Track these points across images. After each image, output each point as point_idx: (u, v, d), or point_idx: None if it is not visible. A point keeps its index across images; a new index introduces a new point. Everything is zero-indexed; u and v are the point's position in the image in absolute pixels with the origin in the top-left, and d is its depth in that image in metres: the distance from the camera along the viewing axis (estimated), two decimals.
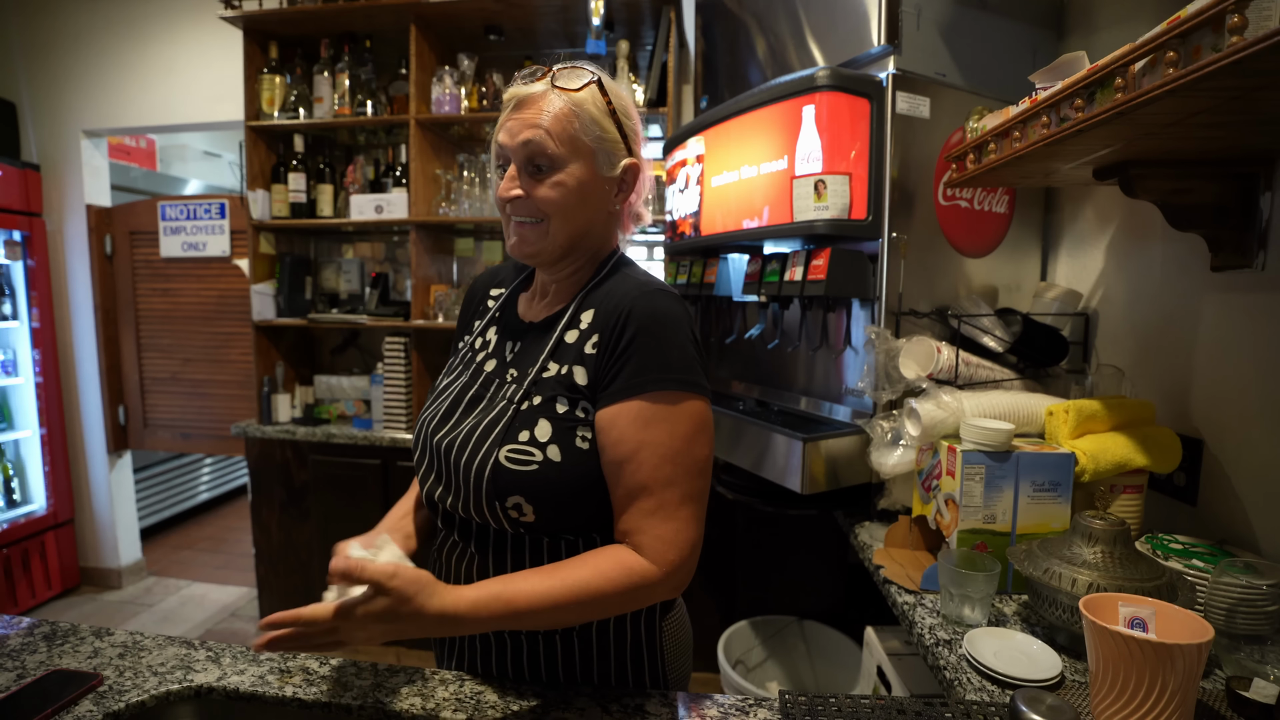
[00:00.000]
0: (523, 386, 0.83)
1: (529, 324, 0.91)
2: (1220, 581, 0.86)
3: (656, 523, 0.77)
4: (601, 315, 0.83)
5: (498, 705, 0.81)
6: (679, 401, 0.78)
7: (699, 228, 1.80)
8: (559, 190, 0.82)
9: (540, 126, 0.81)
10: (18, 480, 3.11)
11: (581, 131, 0.83)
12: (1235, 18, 0.62)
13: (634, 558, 0.76)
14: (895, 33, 1.39)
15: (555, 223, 0.84)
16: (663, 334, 0.79)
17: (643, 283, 0.84)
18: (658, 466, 0.77)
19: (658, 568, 0.76)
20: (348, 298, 2.87)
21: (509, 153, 0.83)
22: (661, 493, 0.77)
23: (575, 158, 0.83)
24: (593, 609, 0.76)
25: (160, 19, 2.91)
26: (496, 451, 0.79)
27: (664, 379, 0.78)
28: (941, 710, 0.78)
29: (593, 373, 0.81)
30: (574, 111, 0.82)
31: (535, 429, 0.80)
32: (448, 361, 0.99)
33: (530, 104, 0.82)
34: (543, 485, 0.79)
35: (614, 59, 2.43)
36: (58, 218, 3.12)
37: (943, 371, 1.33)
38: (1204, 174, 1.06)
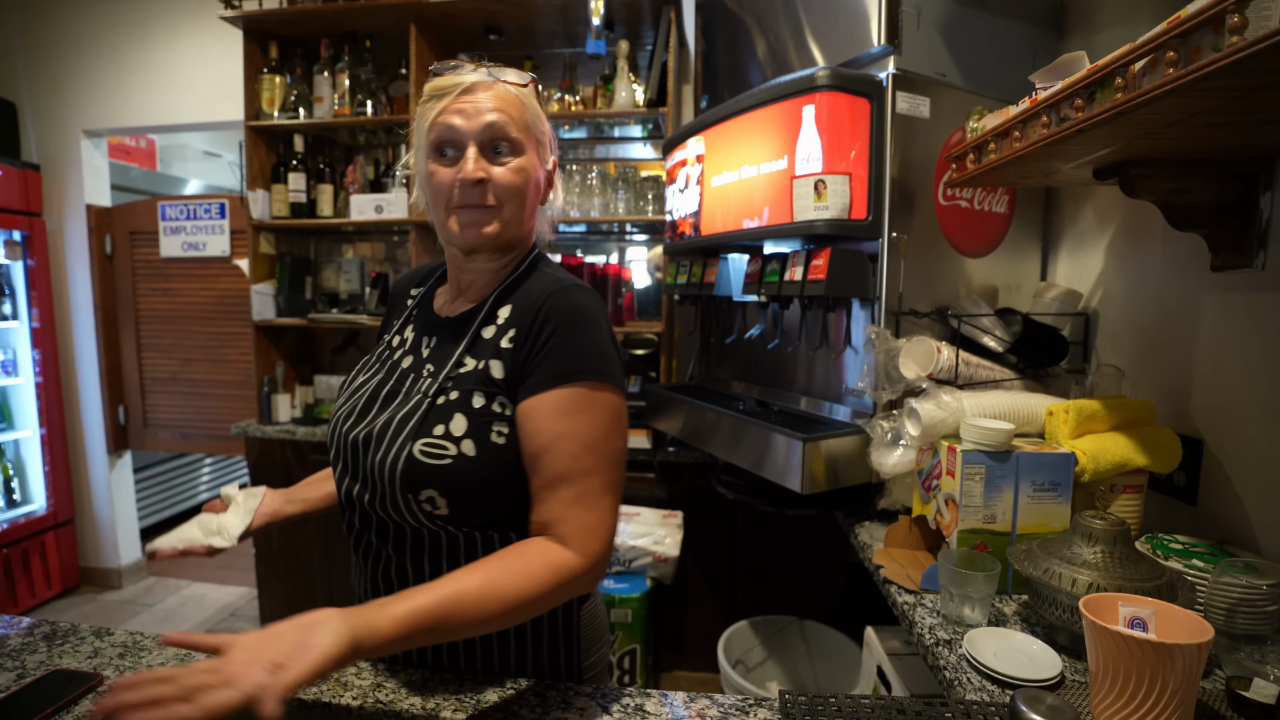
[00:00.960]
0: (438, 381, 0.83)
1: (445, 320, 0.91)
2: (1220, 581, 0.86)
3: (580, 512, 0.76)
4: (519, 311, 0.83)
5: (498, 705, 0.81)
6: (596, 393, 0.78)
7: (699, 228, 1.80)
8: (520, 175, 0.83)
9: (502, 111, 0.81)
10: (18, 480, 3.11)
11: (532, 122, 0.85)
12: (1235, 18, 0.62)
13: (559, 553, 0.75)
14: (895, 33, 1.39)
15: (510, 208, 0.84)
16: (579, 328, 0.80)
17: (559, 279, 0.85)
18: (577, 456, 0.77)
19: (583, 558, 0.75)
20: (348, 298, 2.87)
21: (466, 135, 0.81)
22: (583, 482, 0.76)
23: (529, 145, 0.85)
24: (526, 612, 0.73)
25: (160, 19, 2.91)
26: (410, 445, 0.79)
27: (582, 371, 0.78)
28: (941, 710, 0.78)
29: (510, 367, 0.81)
30: (524, 102, 0.85)
31: (450, 423, 0.80)
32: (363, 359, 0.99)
33: (482, 89, 0.82)
34: (457, 478, 0.78)
35: (614, 59, 2.43)
36: (58, 218, 3.12)
37: (943, 371, 1.33)
38: (1204, 174, 1.06)
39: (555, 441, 0.77)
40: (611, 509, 0.79)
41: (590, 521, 0.76)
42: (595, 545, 0.76)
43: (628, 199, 2.52)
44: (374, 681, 0.85)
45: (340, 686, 0.84)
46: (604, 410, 0.79)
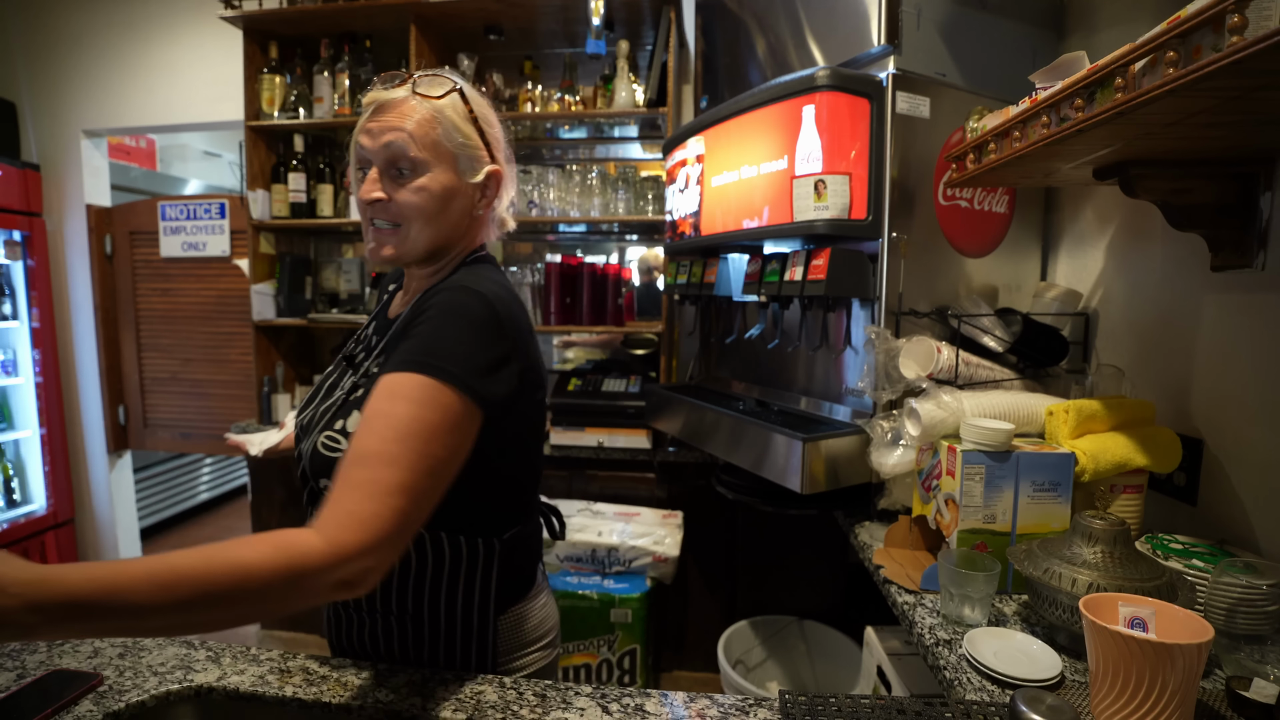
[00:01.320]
0: (357, 377, 0.88)
1: (389, 321, 0.94)
2: (1220, 581, 0.86)
3: (356, 498, 0.66)
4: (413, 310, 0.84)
5: (498, 705, 0.81)
6: (437, 390, 0.72)
7: (699, 228, 1.80)
8: (421, 195, 0.84)
9: (402, 130, 0.82)
10: (18, 480, 3.11)
11: (444, 137, 0.85)
12: (1235, 18, 0.61)
13: (296, 534, 0.63)
14: (895, 33, 1.39)
15: (415, 227, 0.86)
16: (447, 324, 0.77)
17: (464, 281, 0.82)
18: (385, 440, 0.69)
19: (325, 543, 0.62)
20: (348, 298, 2.87)
21: (370, 155, 0.84)
22: (378, 469, 0.67)
23: (438, 163, 0.85)
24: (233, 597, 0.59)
25: (160, 19, 2.91)
26: (316, 437, 0.84)
27: (427, 364, 0.73)
28: (941, 710, 0.78)
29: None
30: (435, 117, 0.84)
31: (348, 419, 0.84)
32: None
33: (391, 108, 0.84)
34: None
35: (614, 59, 2.43)
36: (58, 218, 3.12)
37: (943, 371, 1.33)
38: (1204, 174, 1.06)
39: (371, 418, 0.71)
40: (398, 512, 0.66)
41: (361, 511, 0.65)
42: (347, 537, 0.63)
43: (628, 199, 2.52)
44: (374, 681, 0.85)
45: (340, 687, 0.84)
46: (436, 409, 0.72)
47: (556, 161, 2.82)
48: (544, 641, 0.99)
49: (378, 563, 0.66)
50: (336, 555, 0.62)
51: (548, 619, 1.00)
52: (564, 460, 2.35)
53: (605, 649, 2.05)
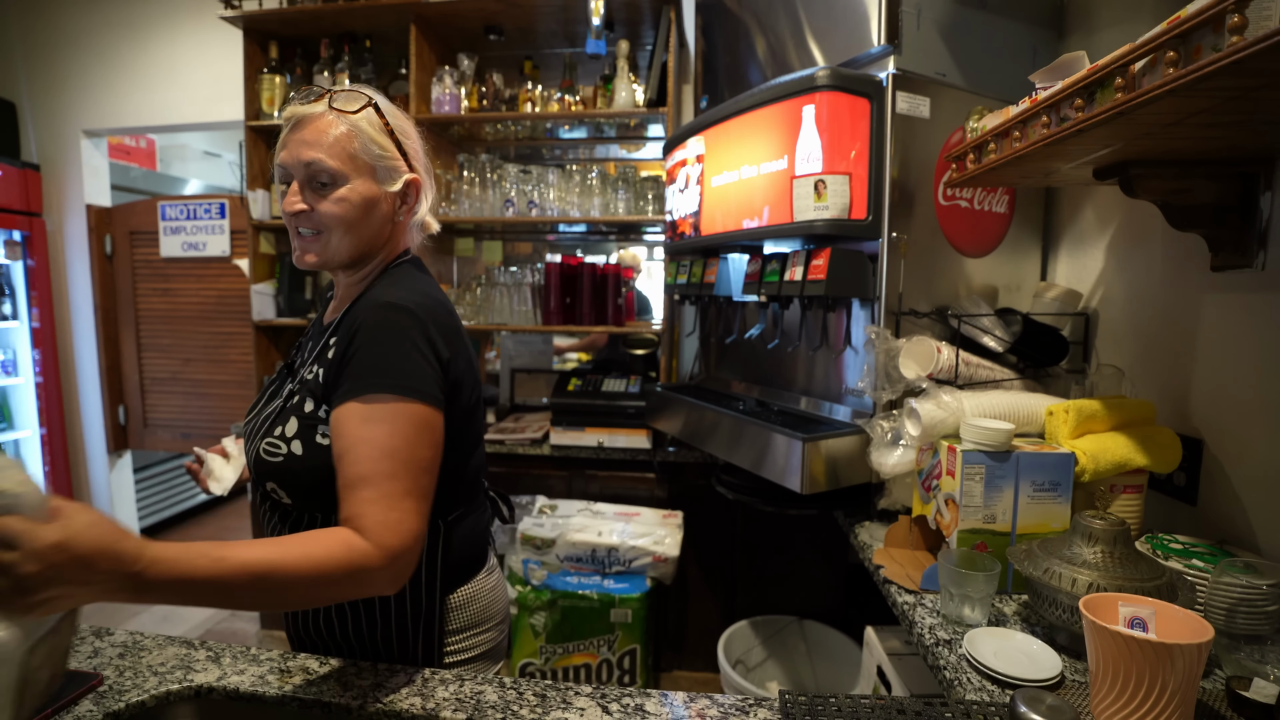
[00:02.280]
0: (292, 385, 0.93)
1: (322, 326, 1.00)
2: (1220, 581, 0.86)
3: (379, 509, 0.77)
4: (345, 322, 0.89)
5: (498, 705, 0.81)
6: (398, 405, 0.81)
7: (699, 228, 1.80)
8: (342, 205, 0.89)
9: (321, 145, 0.88)
10: None
11: (361, 150, 0.90)
12: (1235, 17, 0.61)
13: (355, 537, 0.76)
14: (895, 32, 1.39)
15: (336, 235, 0.90)
16: (386, 341, 0.84)
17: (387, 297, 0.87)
18: (377, 460, 0.78)
19: (379, 551, 0.75)
20: None
21: (291, 169, 0.90)
22: (383, 484, 0.78)
23: (356, 174, 0.90)
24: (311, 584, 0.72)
25: (160, 19, 2.91)
26: (258, 443, 0.90)
27: (383, 383, 0.81)
28: (941, 710, 0.78)
29: (327, 375, 0.87)
30: (352, 132, 0.90)
31: (286, 425, 0.89)
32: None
33: (309, 123, 0.89)
34: (288, 474, 0.88)
35: (614, 59, 2.43)
36: (58, 218, 3.12)
37: (943, 371, 1.33)
38: (1204, 174, 1.06)
39: (355, 445, 0.79)
40: (415, 513, 0.80)
41: (390, 519, 0.77)
42: (392, 541, 0.76)
43: (628, 199, 2.52)
44: (374, 681, 0.85)
45: (340, 687, 0.84)
46: (405, 420, 0.81)
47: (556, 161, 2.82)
48: (494, 623, 1.04)
49: (414, 556, 0.79)
50: (387, 557, 0.76)
51: (497, 600, 1.05)
52: (564, 460, 2.35)
53: (605, 649, 2.05)
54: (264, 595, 0.73)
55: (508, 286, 2.55)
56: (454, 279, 2.85)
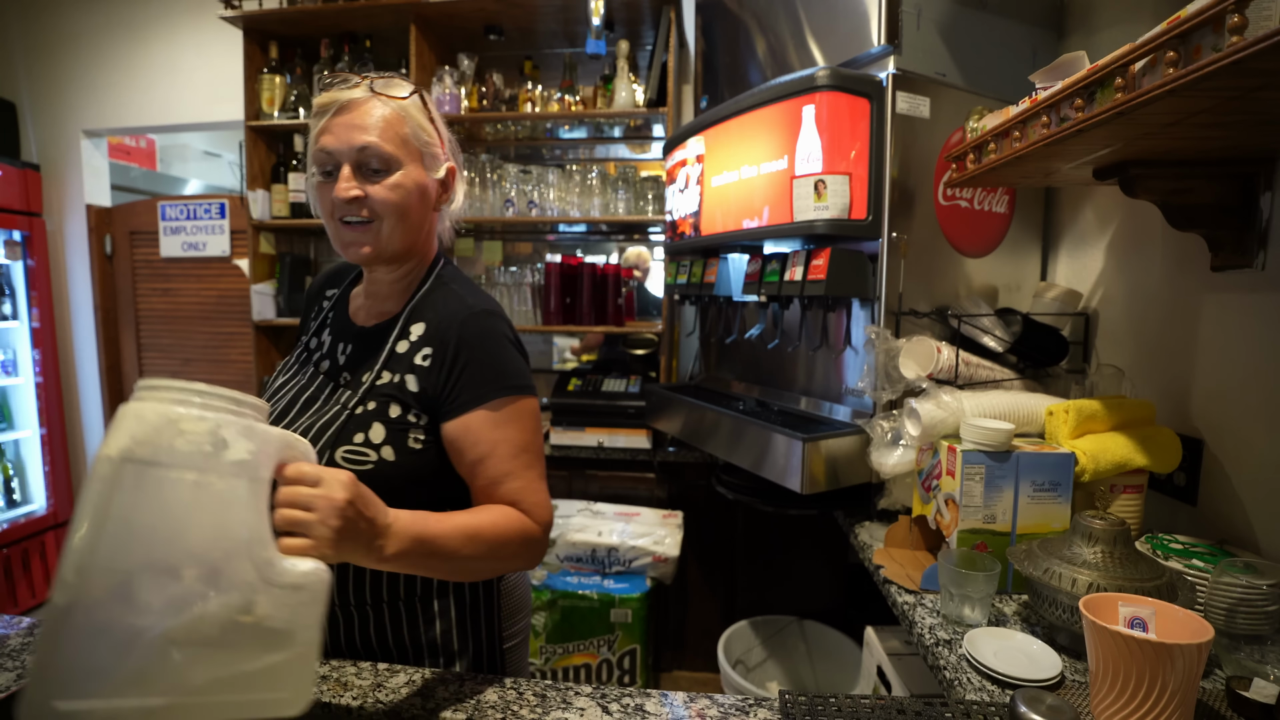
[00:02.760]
0: (357, 393, 0.89)
1: (360, 328, 0.96)
2: (1220, 581, 0.86)
3: (529, 494, 0.88)
4: (432, 332, 0.89)
5: (498, 705, 0.81)
6: (518, 403, 0.89)
7: (699, 228, 1.80)
8: (397, 192, 0.86)
9: (373, 129, 0.84)
10: (18, 480, 3.11)
11: (411, 135, 0.88)
12: (1235, 17, 0.62)
13: (524, 516, 0.86)
14: (895, 33, 1.39)
15: (389, 223, 0.87)
16: (493, 352, 0.89)
17: (469, 303, 0.91)
18: (515, 456, 0.87)
19: (538, 525, 0.88)
20: None
21: (339, 156, 0.85)
22: (524, 474, 0.88)
23: (408, 160, 0.87)
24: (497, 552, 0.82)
25: (160, 19, 2.91)
26: (329, 452, 0.85)
27: (502, 388, 0.88)
28: (941, 710, 0.78)
29: (425, 383, 0.88)
30: (402, 116, 0.87)
31: (369, 431, 0.86)
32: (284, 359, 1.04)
33: (355, 107, 0.85)
34: (378, 480, 0.82)
35: (614, 59, 2.43)
36: (58, 218, 3.12)
37: (943, 371, 1.33)
38: (1204, 174, 1.06)
39: (494, 449, 0.86)
40: (548, 492, 0.92)
41: (540, 500, 0.89)
42: (547, 516, 0.89)
43: (628, 199, 2.52)
44: (374, 682, 0.85)
45: (340, 686, 0.84)
46: (527, 416, 0.90)
47: (556, 161, 2.82)
48: (527, 609, 1.09)
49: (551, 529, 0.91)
50: (545, 529, 0.89)
51: (527, 586, 1.12)
52: (564, 460, 2.35)
53: (605, 649, 2.05)
54: (469, 558, 0.79)
55: (508, 286, 2.55)
56: None
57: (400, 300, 0.95)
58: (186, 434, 0.55)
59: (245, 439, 0.58)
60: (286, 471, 0.62)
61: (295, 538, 0.61)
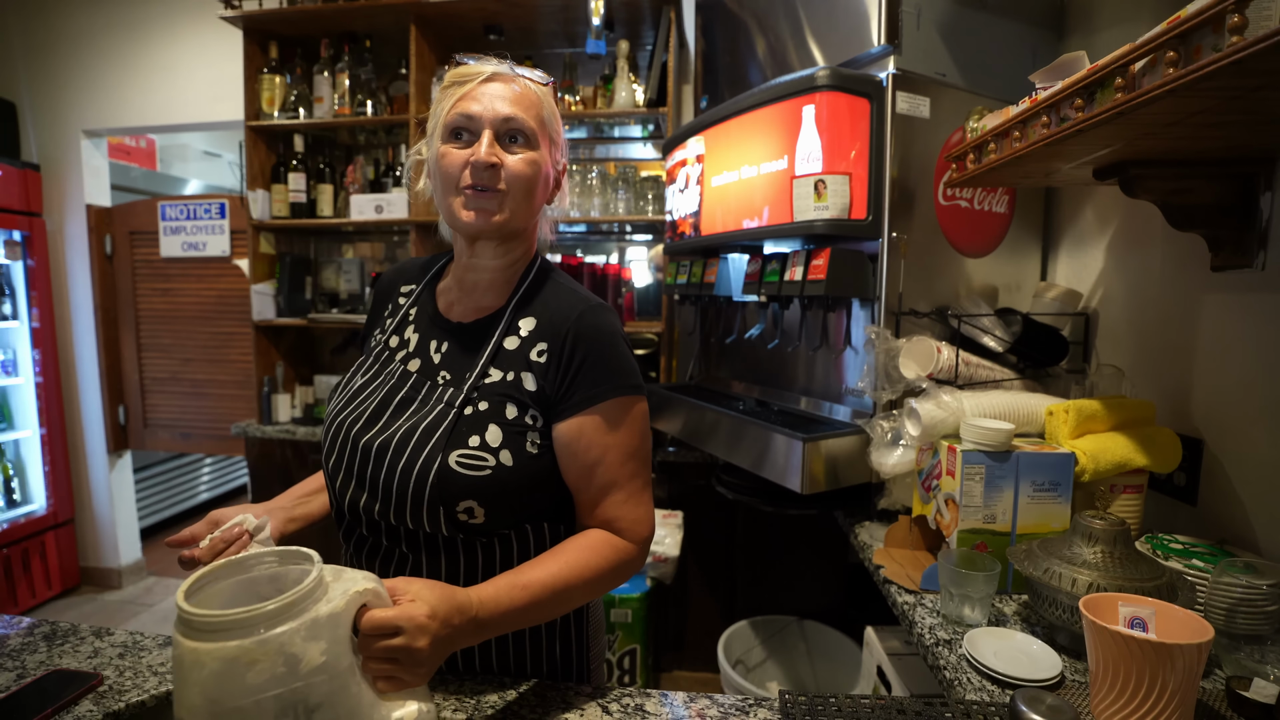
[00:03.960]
0: (463, 390, 0.83)
1: (456, 324, 0.90)
2: (1220, 581, 0.86)
3: (630, 509, 0.85)
4: (545, 327, 0.85)
5: (497, 705, 0.81)
6: (632, 406, 0.86)
7: (699, 227, 1.80)
8: (532, 167, 0.84)
9: (519, 103, 0.83)
10: (18, 480, 3.11)
11: (549, 119, 0.87)
12: (1235, 18, 0.62)
13: (618, 540, 0.84)
14: (895, 33, 1.39)
15: (518, 197, 0.84)
16: (610, 348, 0.85)
17: (582, 298, 0.88)
18: (623, 464, 0.85)
19: (635, 545, 0.86)
20: (348, 298, 2.87)
21: (482, 121, 0.82)
22: (628, 484, 0.85)
23: (543, 141, 0.86)
24: (593, 588, 0.81)
25: (160, 19, 2.91)
26: (442, 456, 0.79)
27: (619, 386, 0.85)
28: (941, 710, 0.78)
29: (543, 381, 0.83)
30: (541, 99, 0.86)
31: (485, 434, 0.80)
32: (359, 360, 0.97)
33: (501, 80, 0.84)
34: (497, 488, 0.80)
35: (614, 59, 2.43)
36: (58, 218, 3.12)
37: (943, 371, 1.33)
38: (1204, 174, 1.06)
39: (605, 454, 0.84)
40: (651, 501, 0.89)
41: (640, 515, 0.86)
42: (645, 532, 0.87)
43: (628, 199, 2.52)
44: None
45: None
46: (639, 419, 0.87)
47: None
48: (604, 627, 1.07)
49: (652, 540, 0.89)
50: (643, 549, 0.87)
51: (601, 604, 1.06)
52: None
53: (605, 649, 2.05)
54: (558, 608, 0.80)
55: None
56: None
57: (503, 293, 0.90)
58: (257, 665, 0.53)
59: (315, 640, 0.56)
60: (363, 626, 0.62)
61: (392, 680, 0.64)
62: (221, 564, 0.63)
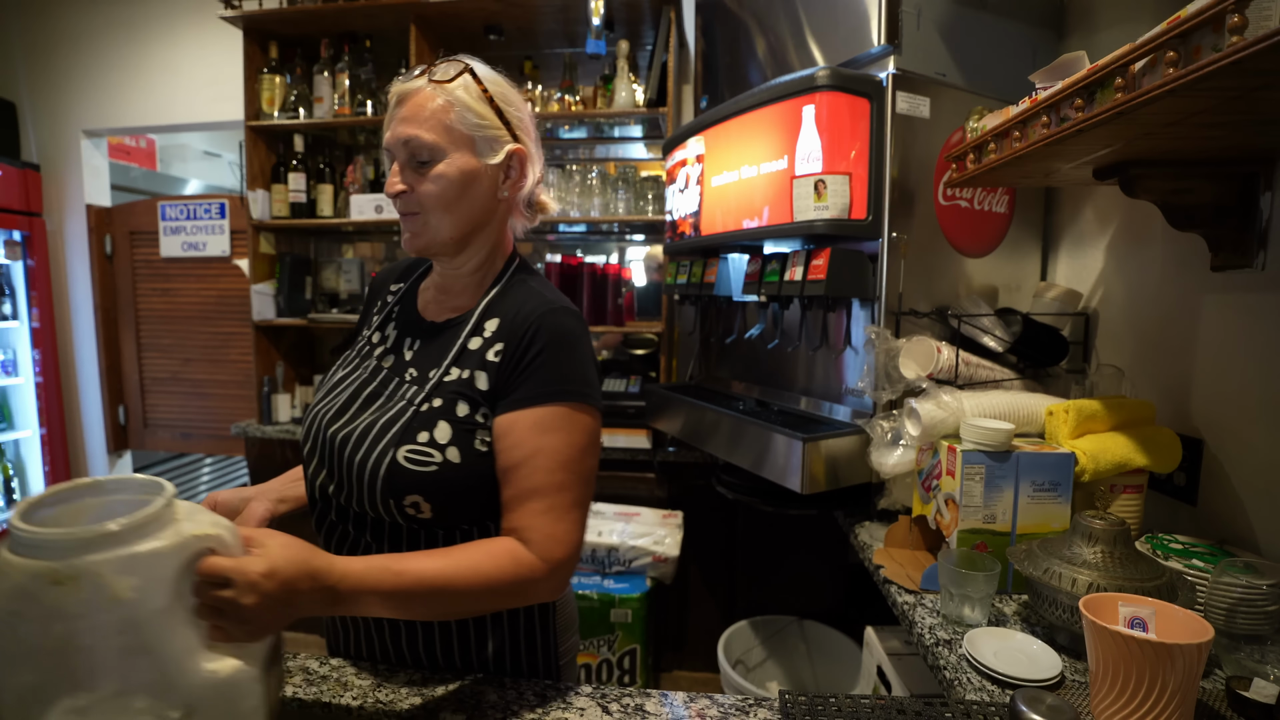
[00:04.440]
0: (424, 389, 0.84)
1: (430, 323, 0.92)
2: (1220, 581, 0.86)
3: (548, 522, 0.79)
4: (508, 326, 0.85)
5: (498, 705, 0.81)
6: (576, 414, 0.82)
7: (699, 227, 1.80)
8: (439, 183, 0.84)
9: (418, 120, 0.83)
10: (18, 480, 3.11)
11: (457, 121, 0.84)
12: (1235, 17, 0.61)
13: (522, 550, 0.78)
14: (895, 32, 1.39)
15: (435, 215, 0.85)
16: (567, 350, 0.83)
17: (549, 300, 0.86)
18: (552, 472, 0.79)
19: (544, 563, 0.78)
20: (348, 298, 2.87)
21: (392, 151, 0.85)
22: (554, 496, 0.79)
23: (454, 147, 0.84)
24: (480, 596, 0.76)
25: (160, 19, 2.91)
26: (393, 451, 0.80)
27: (565, 391, 0.81)
28: (941, 710, 0.78)
29: (494, 380, 0.83)
30: (449, 102, 0.83)
31: (435, 431, 0.81)
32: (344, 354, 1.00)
33: (409, 99, 0.84)
34: (442, 484, 0.80)
35: (614, 59, 2.43)
36: (58, 218, 3.12)
37: (943, 371, 1.33)
38: (1204, 174, 1.06)
39: (533, 456, 0.79)
40: (579, 523, 0.82)
41: (557, 532, 0.79)
42: (558, 553, 0.79)
43: (628, 199, 2.52)
44: (374, 681, 0.85)
45: (340, 687, 0.84)
46: (581, 430, 0.82)
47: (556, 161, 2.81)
48: (576, 626, 1.02)
49: (574, 566, 0.81)
50: (551, 569, 0.78)
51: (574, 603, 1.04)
52: None
53: (605, 649, 2.05)
54: (437, 605, 0.75)
55: None
56: None
57: (474, 295, 0.91)
58: (61, 588, 0.53)
59: (127, 575, 0.54)
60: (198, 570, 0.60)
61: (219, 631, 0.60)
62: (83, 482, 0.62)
